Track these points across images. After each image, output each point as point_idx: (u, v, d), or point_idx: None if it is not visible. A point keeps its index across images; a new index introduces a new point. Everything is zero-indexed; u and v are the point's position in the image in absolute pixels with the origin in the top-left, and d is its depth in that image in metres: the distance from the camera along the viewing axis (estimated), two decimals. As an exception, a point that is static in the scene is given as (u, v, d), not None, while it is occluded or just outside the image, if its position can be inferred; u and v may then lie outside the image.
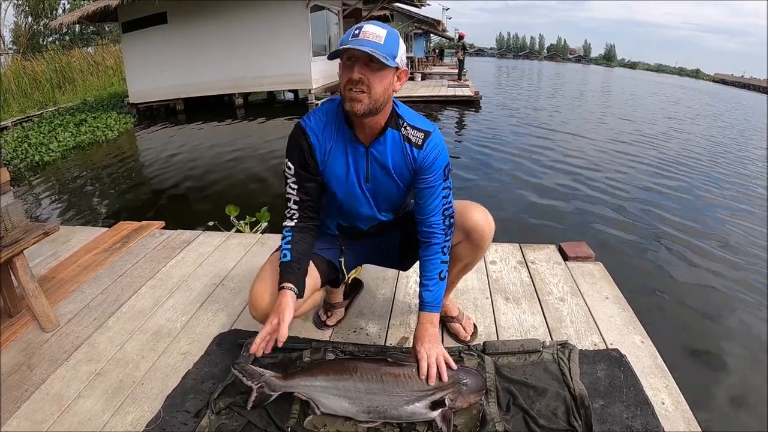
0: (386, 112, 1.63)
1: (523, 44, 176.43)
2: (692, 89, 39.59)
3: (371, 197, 1.77)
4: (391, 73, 1.53)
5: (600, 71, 69.63)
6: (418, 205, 1.74)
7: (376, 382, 1.64)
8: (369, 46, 1.44)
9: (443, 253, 1.75)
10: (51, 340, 2.18)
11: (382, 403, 1.61)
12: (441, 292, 1.76)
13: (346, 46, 1.45)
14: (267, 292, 1.68)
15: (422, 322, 1.75)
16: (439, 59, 37.52)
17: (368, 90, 1.49)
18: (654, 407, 1.69)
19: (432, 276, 1.75)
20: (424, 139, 1.67)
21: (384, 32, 1.48)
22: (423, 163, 1.67)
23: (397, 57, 1.50)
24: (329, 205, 1.84)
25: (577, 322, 2.24)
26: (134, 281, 2.68)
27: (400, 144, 1.67)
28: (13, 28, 25.96)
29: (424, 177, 1.69)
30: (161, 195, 6.51)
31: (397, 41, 1.52)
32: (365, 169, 1.71)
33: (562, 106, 16.99)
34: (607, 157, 8.52)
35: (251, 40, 12.74)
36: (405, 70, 1.59)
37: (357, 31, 1.48)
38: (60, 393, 1.85)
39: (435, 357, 1.67)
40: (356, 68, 1.47)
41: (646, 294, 3.74)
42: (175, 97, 13.57)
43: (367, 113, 1.53)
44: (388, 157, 1.68)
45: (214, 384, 1.81)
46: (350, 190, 1.74)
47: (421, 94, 14.56)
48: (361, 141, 1.67)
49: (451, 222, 1.76)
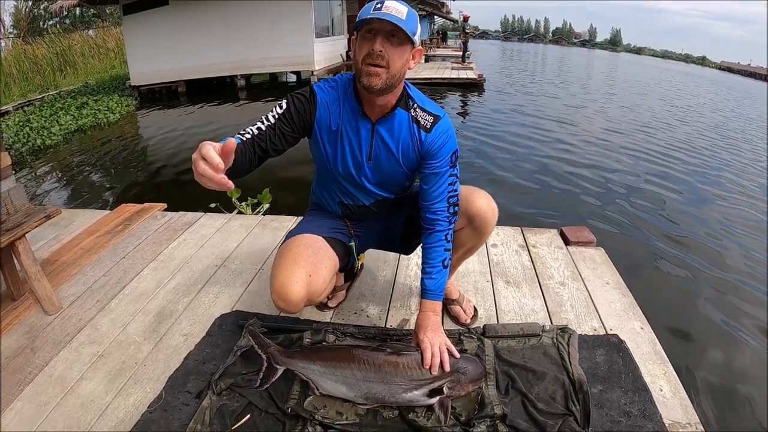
0: (398, 92, 1.63)
1: (528, 27, 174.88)
2: (699, 76, 39.23)
3: (372, 175, 1.76)
4: (409, 49, 1.53)
5: (605, 56, 68.95)
6: (423, 191, 1.74)
7: (373, 370, 1.64)
8: (394, 18, 1.44)
9: (447, 240, 1.75)
10: (54, 322, 2.20)
11: (380, 390, 1.62)
12: (444, 279, 1.76)
13: (370, 16, 1.45)
14: (293, 280, 1.63)
15: (424, 309, 1.76)
16: (443, 41, 37.29)
17: (387, 65, 1.49)
18: (652, 393, 1.70)
19: (435, 264, 1.74)
20: (433, 123, 1.66)
21: (405, 9, 1.48)
22: (430, 148, 1.67)
23: (416, 34, 1.51)
24: (332, 181, 1.84)
25: (577, 306, 2.24)
26: (136, 263, 2.70)
27: (408, 125, 1.67)
28: (13, 12, 25.80)
29: (431, 162, 1.69)
30: (163, 177, 6.50)
31: (417, 19, 1.52)
32: (369, 146, 1.70)
33: (568, 91, 16.84)
34: (611, 143, 8.46)
35: (253, 22, 12.64)
36: (420, 49, 1.59)
37: (379, 5, 1.47)
38: (63, 375, 1.87)
39: (438, 346, 1.67)
40: (378, 40, 1.47)
41: (646, 280, 3.74)
42: (176, 79, 13.50)
43: (383, 89, 1.52)
44: (395, 136, 1.68)
45: (216, 365, 1.83)
46: (352, 164, 1.73)
47: (425, 76, 14.46)
48: (369, 117, 1.66)
49: (455, 210, 1.75)
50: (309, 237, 1.79)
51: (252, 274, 2.55)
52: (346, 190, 1.83)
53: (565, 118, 10.82)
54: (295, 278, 1.63)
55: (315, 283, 1.68)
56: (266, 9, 12.51)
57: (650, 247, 4.42)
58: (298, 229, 1.86)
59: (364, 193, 1.82)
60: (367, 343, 1.88)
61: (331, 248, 1.82)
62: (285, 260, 1.69)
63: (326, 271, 1.75)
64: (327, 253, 1.79)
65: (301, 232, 1.82)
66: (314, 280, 1.68)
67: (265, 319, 2.06)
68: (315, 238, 1.80)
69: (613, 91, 18.72)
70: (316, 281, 1.68)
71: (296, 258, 1.69)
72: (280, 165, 5.90)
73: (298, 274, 1.64)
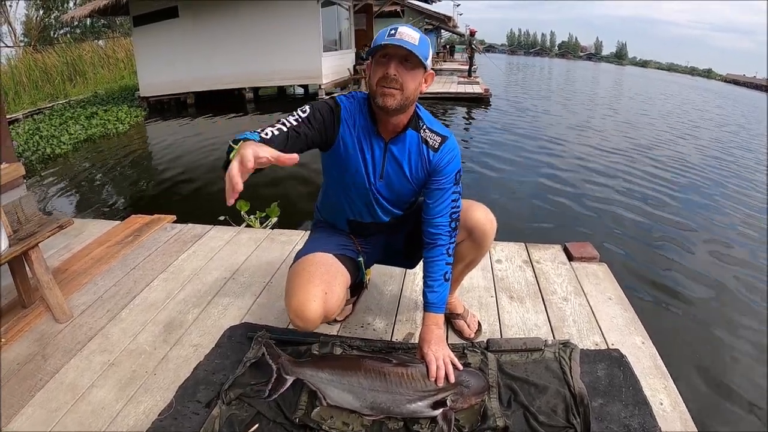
0: (410, 113, 1.70)
1: (534, 41, 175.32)
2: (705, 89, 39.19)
3: (384, 192, 1.81)
4: (422, 73, 1.61)
5: (611, 70, 69.01)
6: (427, 205, 1.79)
7: (379, 380, 1.68)
8: (408, 44, 1.51)
9: (448, 254, 1.80)
10: (65, 330, 2.24)
11: (385, 400, 1.66)
12: (445, 292, 1.81)
13: (385, 42, 1.52)
14: (310, 299, 1.67)
15: (427, 323, 1.80)
16: (450, 55, 37.43)
17: (401, 87, 1.55)
18: (652, 407, 1.72)
19: (437, 277, 1.79)
20: (440, 143, 1.74)
21: (418, 35, 1.55)
22: (437, 166, 1.74)
23: (428, 59, 1.58)
24: (342, 197, 1.88)
25: (580, 321, 2.27)
26: (146, 274, 2.74)
27: (418, 145, 1.73)
28: (24, 20, 26.12)
29: (437, 179, 1.75)
30: (171, 188, 6.56)
31: (428, 45, 1.60)
32: (381, 164, 1.75)
33: (573, 106, 16.88)
34: (615, 160, 8.48)
35: (262, 35, 12.77)
36: (431, 73, 1.66)
37: (393, 31, 1.55)
38: (74, 382, 1.91)
39: (442, 359, 1.71)
40: (392, 65, 1.54)
41: (648, 295, 3.77)
42: (185, 90, 13.63)
43: (397, 109, 1.59)
44: (406, 155, 1.74)
45: (225, 376, 1.86)
46: (363, 181, 1.78)
47: (432, 90, 14.46)
48: (382, 136, 1.72)
49: (456, 225, 1.81)
50: (320, 255, 1.83)
51: (261, 287, 2.59)
52: (356, 205, 1.87)
53: (570, 133, 10.85)
54: (312, 297, 1.68)
55: (331, 300, 1.72)
56: (275, 22, 12.64)
57: (653, 262, 4.44)
58: (307, 248, 1.89)
59: (375, 209, 1.86)
60: (374, 355, 1.92)
61: (342, 265, 1.86)
62: (300, 280, 1.73)
63: (340, 287, 1.80)
64: (339, 270, 1.84)
65: (311, 251, 1.86)
66: (330, 298, 1.72)
67: (273, 332, 2.10)
68: (326, 256, 1.84)
69: (618, 106, 18.74)
70: (331, 298, 1.73)
71: (311, 277, 1.73)
72: (288, 179, 5.98)
73: (315, 292, 1.69)
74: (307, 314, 1.67)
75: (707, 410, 2.61)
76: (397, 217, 1.93)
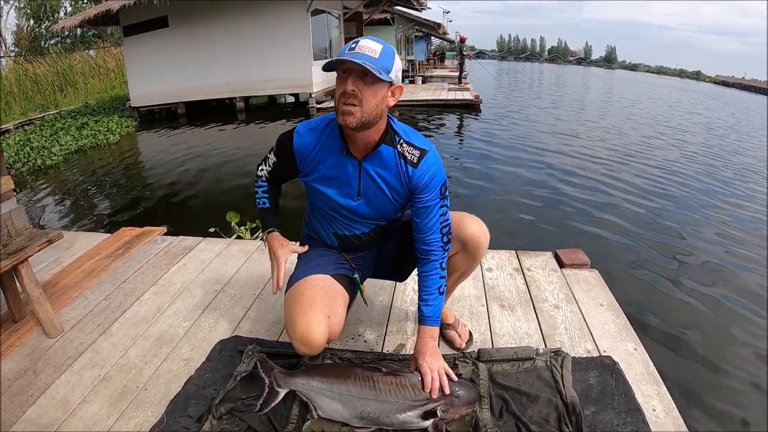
0: (380, 128, 1.66)
1: (524, 46, 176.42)
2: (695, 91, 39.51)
3: (363, 211, 1.80)
4: (385, 87, 1.55)
5: (601, 73, 69.51)
6: (416, 224, 1.76)
7: (369, 388, 1.69)
8: (364, 59, 1.47)
9: (441, 268, 1.78)
10: (55, 345, 2.23)
11: (374, 409, 1.66)
12: (440, 306, 1.80)
13: (342, 58, 1.49)
14: (314, 325, 1.65)
15: (422, 336, 1.79)
16: (440, 62, 37.59)
17: (360, 103, 1.52)
18: (645, 414, 1.72)
19: (431, 291, 1.78)
20: (420, 157, 1.69)
21: (380, 47, 1.51)
22: (419, 183, 1.69)
23: (392, 72, 1.54)
24: (324, 215, 1.88)
25: (571, 329, 2.28)
26: (137, 287, 2.73)
27: (395, 160, 1.69)
28: (15, 30, 26.09)
29: (421, 197, 1.72)
30: (162, 200, 6.54)
31: (392, 57, 1.54)
32: (357, 184, 1.74)
33: (563, 112, 16.95)
34: (605, 166, 8.51)
35: (252, 44, 12.77)
36: (400, 86, 1.61)
37: (354, 44, 1.51)
38: (65, 398, 1.89)
39: (437, 370, 1.71)
40: (350, 80, 1.51)
41: (640, 301, 3.77)
42: (176, 100, 13.62)
43: (358, 126, 1.55)
44: (382, 173, 1.71)
45: (216, 390, 1.85)
46: (342, 202, 1.78)
47: (422, 97, 14.57)
48: (354, 155, 1.70)
49: (449, 239, 1.78)
50: (318, 278, 1.80)
51: (251, 299, 2.58)
52: (340, 221, 1.86)
53: (560, 140, 10.89)
54: (317, 322, 1.65)
55: (334, 323, 1.72)
56: (265, 31, 12.65)
57: (644, 268, 4.45)
58: (302, 271, 1.85)
59: (358, 223, 1.86)
60: (365, 364, 1.92)
61: (340, 285, 1.85)
62: (301, 306, 1.70)
63: (341, 308, 1.79)
64: (338, 291, 1.82)
65: (307, 273, 1.82)
66: (333, 321, 1.71)
67: (264, 344, 2.10)
68: (324, 277, 1.81)
69: (608, 110, 18.86)
70: (335, 321, 1.72)
71: (312, 302, 1.70)
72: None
73: (318, 318, 1.66)
74: (313, 340, 1.64)
75: (700, 416, 2.62)
76: (385, 228, 1.92)
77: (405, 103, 13.94)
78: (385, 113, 1.63)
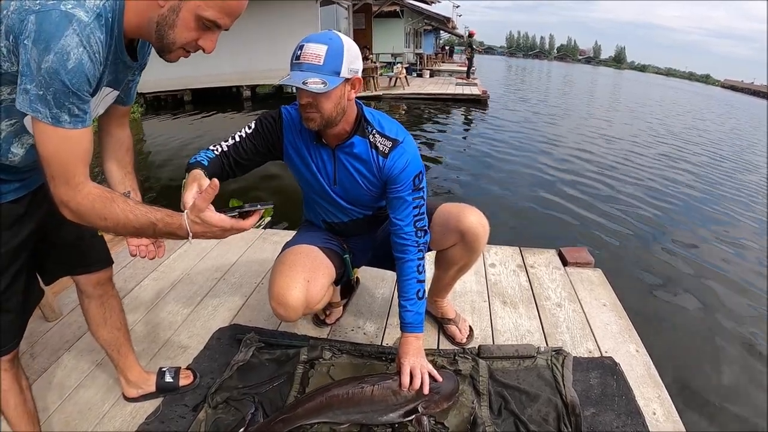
0: (349, 120, 1.64)
1: (533, 43, 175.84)
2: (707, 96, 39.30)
3: (341, 197, 1.81)
4: (340, 87, 1.50)
5: (610, 73, 69.22)
6: (390, 216, 1.76)
7: (353, 407, 1.66)
8: (307, 71, 1.43)
9: (418, 272, 1.76)
10: (53, 329, 2.22)
11: (359, 419, 1.65)
12: (421, 310, 1.77)
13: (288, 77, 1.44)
14: (292, 286, 1.68)
15: (406, 336, 1.77)
16: (449, 56, 37.49)
17: (318, 109, 1.50)
18: (645, 417, 1.71)
19: (410, 296, 1.76)
20: (391, 147, 1.67)
21: (324, 48, 1.44)
22: (390, 173, 1.68)
23: (343, 70, 1.47)
24: (312, 200, 1.91)
25: (573, 328, 2.26)
26: (137, 273, 2.71)
27: (367, 151, 1.69)
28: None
29: (393, 186, 1.70)
30: (165, 185, 6.52)
31: (340, 54, 1.46)
32: (332, 172, 1.74)
33: (571, 111, 16.90)
34: (612, 164, 8.48)
35: (260, 33, 12.75)
36: (358, 78, 1.56)
37: (299, 51, 1.46)
38: (61, 382, 1.88)
39: (419, 369, 1.70)
40: (303, 95, 1.48)
41: (644, 302, 3.75)
42: (183, 87, 13.60)
43: (323, 127, 1.57)
44: (354, 162, 1.71)
45: (213, 379, 1.84)
46: (320, 189, 1.79)
47: (429, 91, 14.55)
48: (327, 144, 1.70)
49: (425, 238, 1.76)
50: (305, 247, 1.84)
51: (251, 287, 2.57)
52: (324, 207, 1.88)
53: (567, 138, 10.85)
54: (294, 284, 1.67)
55: (313, 290, 1.72)
56: (273, 21, 12.63)
57: (648, 269, 4.43)
58: (293, 241, 1.92)
59: (341, 211, 1.87)
60: (354, 367, 1.91)
61: (327, 258, 1.86)
62: (283, 267, 1.74)
63: (324, 278, 1.79)
64: (324, 262, 1.83)
65: (296, 243, 1.88)
66: (312, 287, 1.72)
67: (262, 334, 2.08)
68: (311, 248, 1.85)
69: (617, 109, 18.77)
70: (314, 287, 1.72)
71: (294, 265, 1.74)
72: (282, 178, 5.95)
73: (297, 279, 1.69)
74: (289, 300, 1.66)
75: (701, 421, 2.60)
76: (371, 218, 1.93)
77: (412, 96, 13.91)
78: (351, 106, 1.62)
